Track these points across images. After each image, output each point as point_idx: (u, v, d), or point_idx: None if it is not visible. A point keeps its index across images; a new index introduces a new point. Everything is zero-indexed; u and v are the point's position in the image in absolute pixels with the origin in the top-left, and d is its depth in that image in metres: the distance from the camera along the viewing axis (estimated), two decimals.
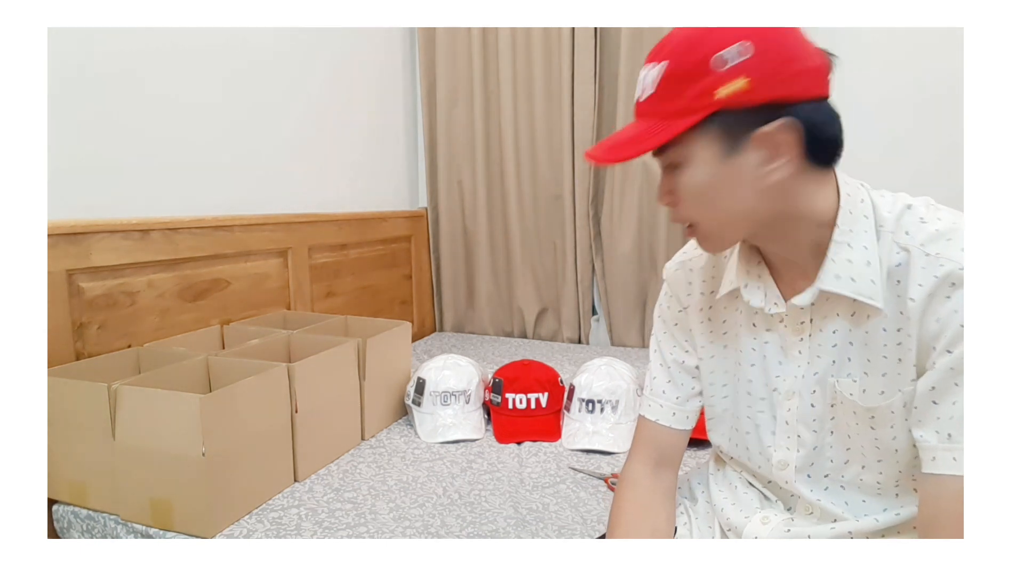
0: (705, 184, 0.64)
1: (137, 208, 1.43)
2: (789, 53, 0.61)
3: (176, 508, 1.06)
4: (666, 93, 0.62)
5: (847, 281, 0.63)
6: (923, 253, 0.60)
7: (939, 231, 0.60)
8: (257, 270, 1.72)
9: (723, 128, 0.61)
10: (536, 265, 2.46)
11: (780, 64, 0.60)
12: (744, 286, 0.73)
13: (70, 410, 1.11)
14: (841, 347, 0.67)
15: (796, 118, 0.60)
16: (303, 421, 1.26)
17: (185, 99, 1.54)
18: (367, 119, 2.29)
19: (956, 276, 0.57)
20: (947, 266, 0.58)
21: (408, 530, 1.08)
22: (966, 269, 0.56)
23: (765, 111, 0.60)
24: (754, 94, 0.59)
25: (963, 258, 0.57)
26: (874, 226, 0.64)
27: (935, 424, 0.59)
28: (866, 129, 2.09)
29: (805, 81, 0.61)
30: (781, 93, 0.60)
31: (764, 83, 0.59)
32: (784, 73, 0.60)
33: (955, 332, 0.57)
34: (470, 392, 1.52)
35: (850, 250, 0.64)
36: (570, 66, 2.24)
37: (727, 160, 0.62)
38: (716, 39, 0.61)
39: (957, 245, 0.59)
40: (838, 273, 0.64)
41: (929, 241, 0.60)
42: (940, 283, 0.58)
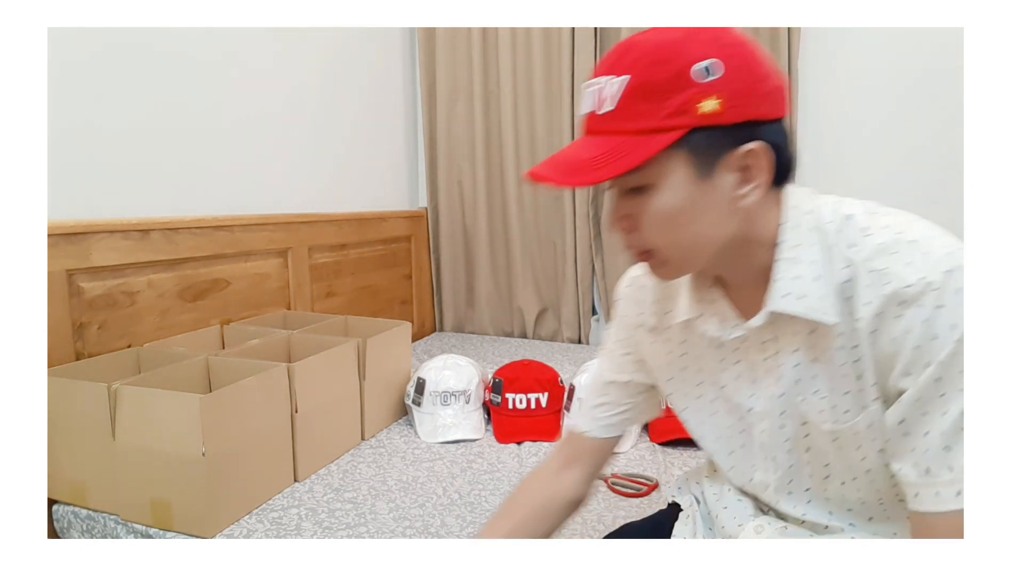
0: (676, 208, 0.59)
1: (137, 208, 1.43)
2: (757, 72, 0.58)
3: (176, 508, 1.06)
4: (632, 109, 0.57)
5: (796, 299, 0.60)
6: (867, 269, 0.57)
7: (882, 245, 0.57)
8: (257, 270, 1.72)
9: (696, 149, 0.57)
10: (536, 265, 2.46)
11: (750, 83, 0.57)
12: (699, 316, 0.70)
13: (70, 410, 1.11)
14: (804, 366, 0.64)
15: (765, 140, 0.58)
16: (303, 421, 1.26)
17: (185, 99, 1.54)
18: (367, 119, 2.29)
19: (904, 294, 0.54)
20: (892, 284, 0.55)
21: (408, 530, 1.08)
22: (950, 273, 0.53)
23: (735, 132, 0.57)
24: (727, 114, 0.56)
25: (912, 273, 0.54)
26: (821, 239, 0.61)
27: (911, 457, 0.56)
28: (866, 129, 2.09)
29: (772, 101, 0.59)
30: (752, 114, 0.57)
31: (737, 103, 0.56)
32: (754, 93, 0.58)
33: (913, 355, 0.55)
34: (470, 392, 1.52)
35: (797, 266, 0.60)
36: (570, 66, 2.24)
37: (700, 183, 0.58)
38: (688, 52, 0.57)
39: (903, 259, 0.55)
40: (786, 291, 0.60)
41: (873, 255, 0.57)
42: (887, 302, 0.55)
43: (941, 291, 0.53)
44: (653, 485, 1.20)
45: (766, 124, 0.58)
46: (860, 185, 2.11)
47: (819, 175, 2.16)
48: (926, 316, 0.53)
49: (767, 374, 0.67)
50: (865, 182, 2.11)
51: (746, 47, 0.59)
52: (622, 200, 0.62)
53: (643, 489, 1.18)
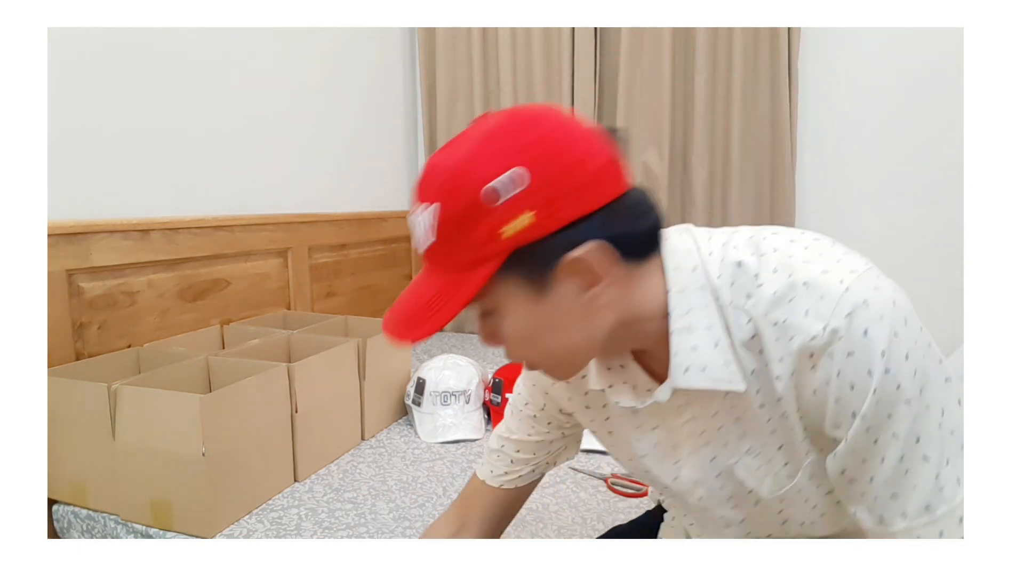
0: (527, 328, 0.55)
1: (137, 208, 1.43)
2: (568, 164, 0.50)
3: (176, 508, 1.06)
4: (447, 241, 0.52)
5: (698, 372, 0.55)
6: (769, 323, 0.52)
7: (776, 294, 0.51)
8: (257, 270, 1.72)
9: (524, 269, 0.52)
10: None
11: (562, 182, 0.50)
12: (608, 388, 0.64)
13: (70, 410, 1.11)
14: (728, 428, 0.60)
15: (599, 235, 0.51)
16: (303, 421, 1.26)
17: (185, 99, 1.54)
18: (367, 119, 2.29)
19: (811, 347, 0.50)
20: (797, 338, 0.50)
21: (408, 530, 1.08)
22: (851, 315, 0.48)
23: (562, 239, 0.51)
24: (545, 225, 0.50)
25: (813, 323, 0.49)
26: (713, 298, 0.55)
27: (863, 502, 0.54)
28: (866, 129, 2.09)
29: (596, 188, 0.51)
30: (576, 213, 0.50)
31: (552, 211, 0.50)
32: (571, 190, 0.50)
33: (835, 408, 0.51)
34: (470, 392, 1.52)
35: (692, 335, 0.55)
36: (570, 66, 2.24)
37: (540, 300, 0.53)
38: (477, 174, 0.50)
39: (801, 307, 0.50)
40: (687, 365, 0.55)
41: (770, 308, 0.52)
42: (798, 358, 0.51)
43: (848, 338, 0.48)
44: None
45: (600, 212, 0.51)
46: (860, 185, 2.11)
47: (819, 175, 2.17)
48: (838, 367, 0.49)
49: (689, 438, 0.63)
50: (865, 182, 2.11)
51: (549, 140, 0.50)
52: (481, 321, 0.58)
53: (643, 489, 1.18)
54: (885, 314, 0.49)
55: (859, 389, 0.49)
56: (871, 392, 0.49)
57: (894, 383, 0.49)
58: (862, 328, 0.48)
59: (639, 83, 2.19)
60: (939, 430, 0.50)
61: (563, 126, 0.52)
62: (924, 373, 0.49)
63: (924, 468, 0.50)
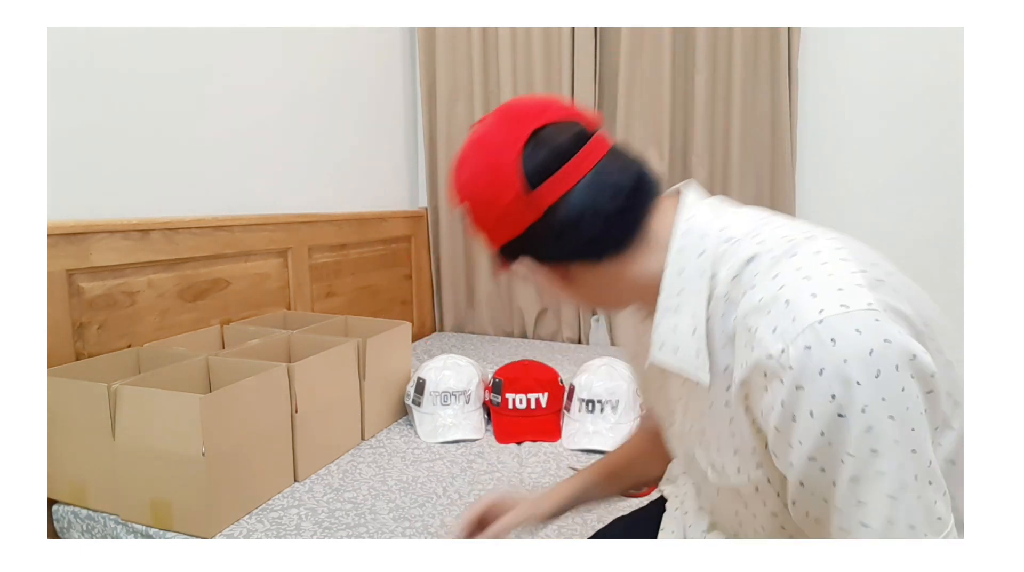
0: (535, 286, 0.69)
1: (137, 208, 1.43)
2: (486, 203, 0.59)
3: (176, 508, 1.06)
4: None
5: (670, 352, 0.57)
6: (744, 326, 0.51)
7: (760, 301, 0.50)
8: (257, 270, 1.72)
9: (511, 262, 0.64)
10: None
11: (485, 218, 0.60)
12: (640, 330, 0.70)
13: (70, 410, 1.11)
14: (692, 415, 0.61)
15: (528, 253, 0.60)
16: (303, 421, 1.26)
17: (185, 99, 1.54)
18: (367, 119, 2.29)
19: (765, 365, 0.48)
20: (756, 351, 0.49)
21: (408, 530, 1.08)
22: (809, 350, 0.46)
23: (508, 250, 0.61)
24: (493, 243, 0.62)
25: (774, 342, 0.47)
26: (708, 287, 0.56)
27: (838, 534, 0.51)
28: (866, 129, 2.09)
29: (511, 219, 0.59)
30: (502, 239, 0.60)
31: (490, 236, 0.61)
32: (491, 224, 0.60)
33: (778, 436, 0.49)
34: (470, 392, 1.52)
35: (676, 316, 0.57)
36: (570, 66, 2.24)
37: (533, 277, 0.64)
38: (456, 196, 0.63)
39: (771, 322, 0.48)
40: (663, 342, 0.58)
41: (749, 312, 0.51)
42: (752, 371, 0.50)
43: (799, 371, 0.46)
44: (653, 485, 1.20)
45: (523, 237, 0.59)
46: (860, 185, 2.11)
47: (819, 175, 2.17)
48: (784, 397, 0.47)
49: (677, 406, 0.65)
50: (865, 182, 2.11)
51: (468, 188, 0.61)
52: None
53: (643, 489, 1.18)
54: (852, 359, 0.45)
55: (801, 425, 0.47)
56: (815, 435, 0.47)
57: (844, 433, 0.46)
58: (818, 366, 0.45)
59: (639, 83, 2.20)
60: (888, 501, 0.46)
61: (480, 167, 0.60)
62: (882, 435, 0.45)
63: (863, 533, 0.48)
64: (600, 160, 0.58)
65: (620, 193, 0.57)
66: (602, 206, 0.57)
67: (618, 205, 0.57)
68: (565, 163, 0.57)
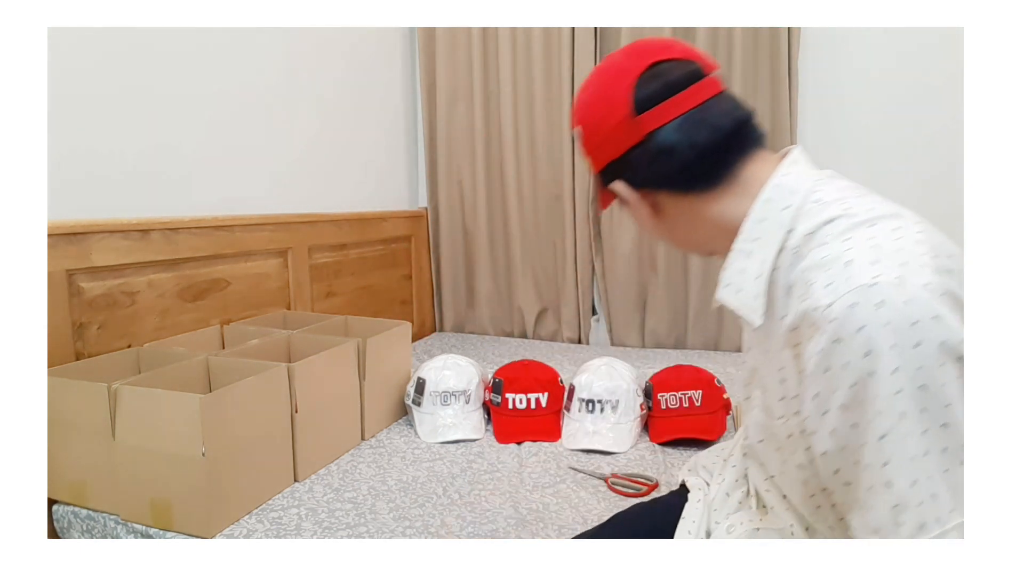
0: (634, 221, 0.75)
1: (137, 208, 1.43)
2: (595, 124, 0.66)
3: (176, 508, 1.06)
4: None
5: (733, 292, 0.62)
6: (803, 279, 0.54)
7: (824, 258, 0.53)
8: (257, 270, 1.72)
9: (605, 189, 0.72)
10: (536, 265, 2.46)
11: (592, 139, 0.67)
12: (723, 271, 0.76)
13: (70, 410, 1.11)
14: (756, 353, 0.66)
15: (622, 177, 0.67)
16: (303, 421, 1.26)
17: (185, 99, 1.54)
18: (367, 119, 2.29)
19: (812, 317, 0.51)
20: (807, 301, 0.52)
21: (408, 530, 1.08)
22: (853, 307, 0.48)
23: (607, 173, 0.69)
24: (594, 167, 0.70)
25: (825, 295, 0.50)
26: (783, 239, 0.59)
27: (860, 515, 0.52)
28: (866, 129, 2.09)
29: (614, 140, 0.65)
30: (604, 160, 0.68)
31: (593, 159, 0.69)
32: (597, 146, 0.67)
33: (807, 383, 0.51)
34: (470, 392, 1.52)
35: (747, 259, 0.61)
36: (570, 66, 2.24)
37: (625, 208, 0.71)
38: (572, 121, 0.74)
39: (827, 277, 0.51)
40: (729, 281, 0.63)
41: (811, 266, 0.54)
42: (800, 318, 0.52)
43: (840, 325, 0.48)
44: (653, 485, 1.20)
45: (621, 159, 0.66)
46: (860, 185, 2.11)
47: None
48: (822, 346, 0.50)
49: (747, 338, 0.71)
50: (865, 182, 2.09)
51: (586, 105, 0.67)
52: None
53: (643, 489, 1.18)
54: (895, 324, 0.46)
55: (834, 376, 0.49)
56: (848, 385, 0.49)
57: (875, 390, 0.47)
58: (859, 324, 0.48)
59: None
60: (910, 465, 0.48)
61: (597, 90, 0.66)
62: (912, 401, 0.47)
63: (887, 495, 0.49)
64: (707, 100, 0.62)
65: (718, 133, 0.62)
66: (697, 140, 0.62)
67: (713, 143, 0.62)
68: (672, 96, 0.62)
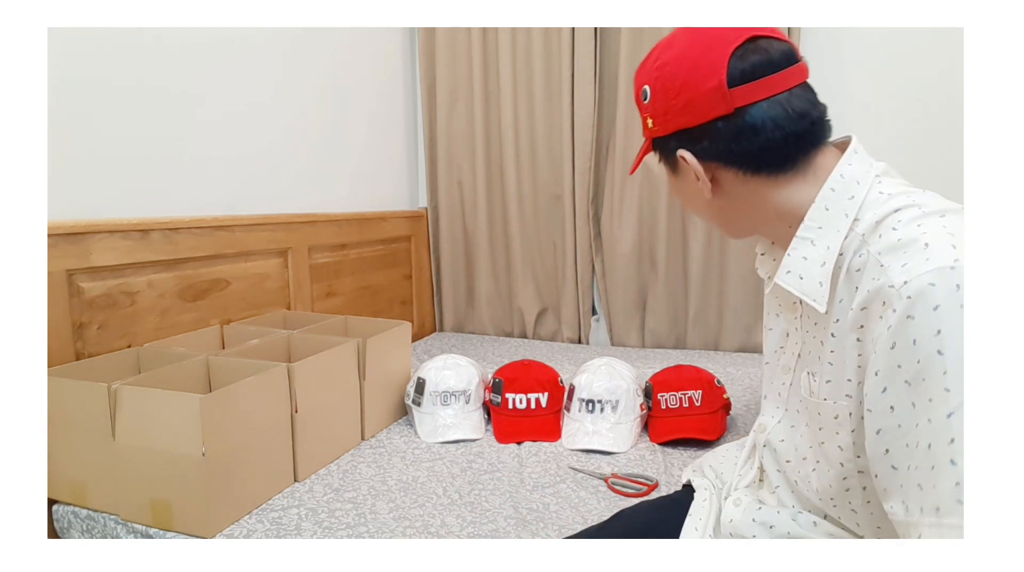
0: (674, 191, 0.74)
1: (137, 208, 1.43)
2: (671, 90, 0.65)
3: (176, 508, 1.06)
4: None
5: (795, 278, 0.63)
6: (876, 262, 0.55)
7: (899, 241, 0.54)
8: (257, 270, 1.72)
9: (660, 153, 0.72)
10: (536, 265, 2.46)
11: (667, 102, 0.66)
12: (760, 254, 0.77)
13: (70, 410, 1.11)
14: (807, 339, 0.68)
15: (691, 146, 0.66)
16: (303, 421, 1.26)
17: (185, 99, 1.54)
18: (367, 119, 2.29)
19: (885, 294, 0.51)
20: (881, 279, 0.52)
21: (408, 530, 1.08)
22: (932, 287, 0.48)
23: (671, 142, 0.68)
24: (658, 130, 0.68)
25: (901, 274, 0.51)
26: (848, 225, 0.60)
27: (900, 494, 0.52)
28: (865, 129, 2.09)
29: (691, 111, 0.64)
30: (675, 126, 0.66)
31: (663, 121, 0.67)
32: (671, 110, 0.66)
33: (875, 358, 0.52)
34: (470, 392, 1.52)
35: (811, 247, 0.62)
36: (570, 66, 2.24)
37: (674, 177, 0.72)
38: (640, 79, 0.69)
39: (904, 258, 0.52)
40: (791, 268, 0.63)
41: (885, 250, 0.55)
42: (872, 297, 0.53)
43: (916, 302, 0.49)
44: (653, 485, 1.20)
45: (707, 124, 0.64)
46: None
47: None
48: (892, 322, 0.50)
49: (796, 333, 0.71)
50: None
51: (670, 66, 0.66)
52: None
53: (643, 489, 1.18)
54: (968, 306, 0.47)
55: (900, 351, 0.50)
56: (914, 362, 0.49)
57: (942, 367, 0.48)
58: (934, 302, 0.48)
59: None
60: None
61: (688, 52, 0.65)
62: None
63: (951, 472, 0.48)
64: (797, 85, 0.63)
65: (805, 119, 0.63)
66: (785, 124, 0.62)
67: (800, 129, 0.63)
68: (770, 74, 0.62)
